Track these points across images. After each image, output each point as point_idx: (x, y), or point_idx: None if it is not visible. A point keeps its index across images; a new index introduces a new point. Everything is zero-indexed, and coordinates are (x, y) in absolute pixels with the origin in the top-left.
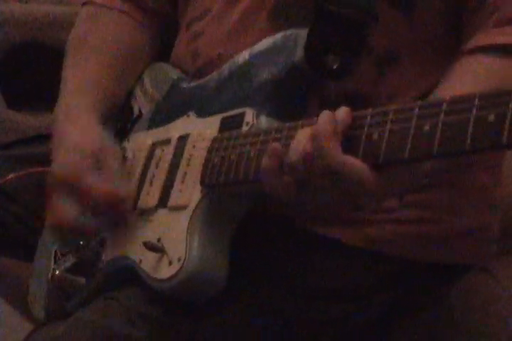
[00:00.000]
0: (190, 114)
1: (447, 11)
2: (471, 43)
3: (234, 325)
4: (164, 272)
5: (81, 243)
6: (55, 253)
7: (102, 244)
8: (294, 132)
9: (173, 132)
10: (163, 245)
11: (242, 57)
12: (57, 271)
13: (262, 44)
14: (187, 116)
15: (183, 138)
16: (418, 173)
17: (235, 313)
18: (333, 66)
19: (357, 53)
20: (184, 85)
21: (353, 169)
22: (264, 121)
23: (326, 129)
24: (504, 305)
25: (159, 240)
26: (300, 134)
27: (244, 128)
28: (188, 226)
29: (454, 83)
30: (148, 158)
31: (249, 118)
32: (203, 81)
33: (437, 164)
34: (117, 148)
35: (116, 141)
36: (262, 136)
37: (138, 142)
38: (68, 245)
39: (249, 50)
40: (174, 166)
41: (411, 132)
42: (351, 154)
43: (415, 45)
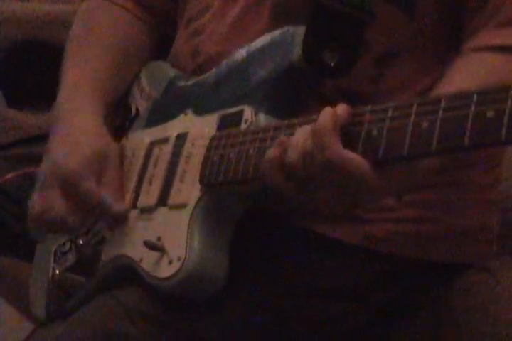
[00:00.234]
0: (188, 112)
1: (447, 8)
2: (472, 43)
3: (233, 323)
4: (164, 271)
5: (81, 242)
6: (55, 252)
7: (101, 242)
8: (293, 130)
9: (171, 130)
10: (163, 244)
11: (239, 54)
12: (57, 270)
13: (260, 41)
14: (185, 115)
15: (182, 137)
16: (417, 171)
17: (234, 311)
18: (331, 63)
19: (355, 50)
20: (181, 83)
21: (353, 163)
22: (263, 119)
23: (326, 124)
24: (504, 305)
25: (159, 239)
26: (299, 132)
27: (243, 125)
28: (188, 224)
29: (454, 80)
30: (147, 157)
31: (247, 115)
32: (200, 79)
33: (437, 162)
34: (116, 146)
35: (115, 139)
36: (260, 134)
37: (136, 141)
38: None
39: (247, 47)
40: (173, 165)
41: (410, 129)
42: (351, 150)
43: (414, 42)
